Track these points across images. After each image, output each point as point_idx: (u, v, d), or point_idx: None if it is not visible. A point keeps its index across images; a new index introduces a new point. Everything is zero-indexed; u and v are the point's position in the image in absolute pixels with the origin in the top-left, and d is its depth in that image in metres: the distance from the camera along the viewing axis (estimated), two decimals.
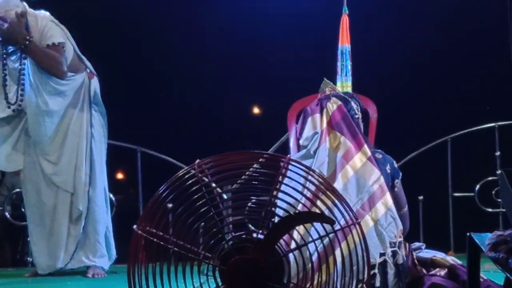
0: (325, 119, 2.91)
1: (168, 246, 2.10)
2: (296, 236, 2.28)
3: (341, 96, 3.04)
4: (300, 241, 2.24)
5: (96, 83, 4.31)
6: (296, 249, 2.17)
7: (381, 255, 2.69)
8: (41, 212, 4.15)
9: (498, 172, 5.11)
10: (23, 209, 4.37)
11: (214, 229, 2.12)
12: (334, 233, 2.15)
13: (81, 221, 4.14)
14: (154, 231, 2.10)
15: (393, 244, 2.72)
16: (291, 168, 2.15)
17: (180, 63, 7.96)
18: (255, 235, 2.13)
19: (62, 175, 4.15)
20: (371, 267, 2.55)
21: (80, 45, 4.27)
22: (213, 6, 7.57)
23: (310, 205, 2.19)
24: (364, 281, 2.26)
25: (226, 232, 2.13)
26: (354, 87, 4.00)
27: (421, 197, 5.36)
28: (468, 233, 2.33)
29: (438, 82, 7.64)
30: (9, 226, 5.42)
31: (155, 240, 2.09)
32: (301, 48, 7.65)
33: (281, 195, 2.13)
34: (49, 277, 4.13)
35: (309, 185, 2.19)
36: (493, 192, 5.35)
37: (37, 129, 4.10)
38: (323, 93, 3.07)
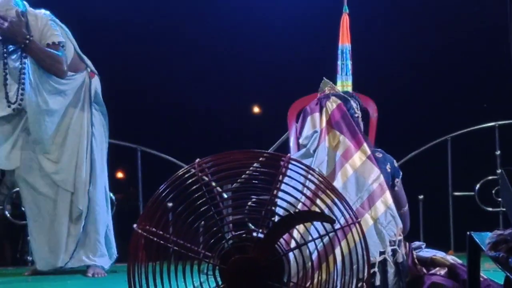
0: (325, 118, 2.92)
1: (168, 245, 2.10)
2: (296, 235, 2.29)
3: (340, 95, 3.04)
4: (300, 240, 2.24)
5: (97, 82, 4.31)
6: (296, 248, 2.17)
7: (381, 253, 2.70)
8: (39, 208, 4.15)
9: (498, 171, 5.11)
10: (23, 208, 4.37)
11: (214, 228, 2.12)
12: (334, 232, 2.15)
13: (81, 220, 4.14)
14: (154, 230, 2.10)
15: (393, 243, 2.72)
16: (291, 167, 2.15)
17: (180, 63, 7.96)
18: (255, 234, 2.13)
19: (62, 174, 4.15)
20: (371, 265, 2.55)
21: (81, 45, 4.27)
22: (213, 6, 7.57)
23: (310, 204, 2.19)
24: (364, 280, 2.26)
25: (226, 231, 2.13)
26: (354, 86, 4.00)
27: (421, 197, 5.36)
28: (468, 232, 2.32)
29: (438, 81, 7.63)
30: (9, 225, 5.40)
31: (155, 239, 2.09)
32: (301, 47, 7.65)
33: (281, 194, 2.13)
34: (49, 276, 4.13)
35: (309, 184, 2.19)
36: (493, 191, 5.35)
37: (37, 128, 4.10)
38: (322, 92, 3.08)
